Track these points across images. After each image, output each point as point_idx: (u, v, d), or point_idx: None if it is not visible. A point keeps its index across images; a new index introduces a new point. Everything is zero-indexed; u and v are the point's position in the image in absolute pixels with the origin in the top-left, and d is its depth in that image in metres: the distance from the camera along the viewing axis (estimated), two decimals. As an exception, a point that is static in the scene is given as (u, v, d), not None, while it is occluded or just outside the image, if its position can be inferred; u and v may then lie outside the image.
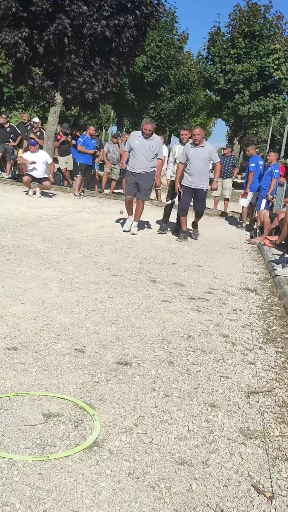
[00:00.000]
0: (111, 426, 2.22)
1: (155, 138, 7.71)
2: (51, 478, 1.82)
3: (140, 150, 7.61)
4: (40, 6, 11.84)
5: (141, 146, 7.60)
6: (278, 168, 10.27)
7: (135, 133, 8.00)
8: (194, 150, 7.76)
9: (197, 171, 7.78)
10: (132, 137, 7.94)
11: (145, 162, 7.62)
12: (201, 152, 7.75)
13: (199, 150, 7.75)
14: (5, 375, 2.55)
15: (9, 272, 4.46)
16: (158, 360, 3.03)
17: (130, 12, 12.84)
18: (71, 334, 3.24)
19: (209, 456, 2.11)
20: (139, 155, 7.63)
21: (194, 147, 7.76)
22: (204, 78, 25.02)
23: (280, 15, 23.80)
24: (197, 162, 7.73)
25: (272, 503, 1.86)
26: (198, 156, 7.74)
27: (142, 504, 1.77)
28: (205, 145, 7.83)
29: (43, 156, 11.38)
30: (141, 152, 7.59)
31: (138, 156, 7.65)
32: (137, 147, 7.62)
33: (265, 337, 3.76)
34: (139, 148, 7.60)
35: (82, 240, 6.47)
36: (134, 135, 7.94)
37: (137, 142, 7.64)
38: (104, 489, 1.81)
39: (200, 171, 7.79)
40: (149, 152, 7.60)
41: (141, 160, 7.61)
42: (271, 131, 38.66)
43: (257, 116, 24.42)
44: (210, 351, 3.30)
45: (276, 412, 2.57)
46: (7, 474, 1.81)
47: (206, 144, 7.88)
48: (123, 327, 3.53)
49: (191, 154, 7.78)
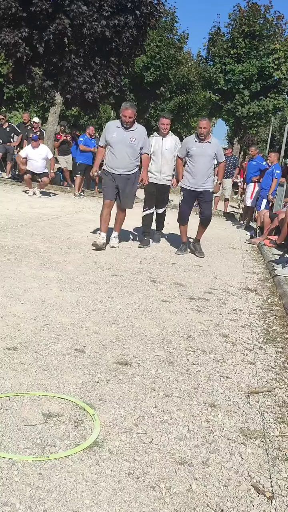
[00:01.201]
0: (111, 426, 2.22)
1: (138, 128, 6.15)
2: (51, 478, 1.82)
3: (119, 145, 6.05)
4: (40, 6, 11.84)
5: (121, 139, 6.04)
6: (279, 168, 10.28)
7: (112, 123, 6.31)
8: (198, 146, 6.47)
9: (202, 171, 6.53)
10: (108, 128, 6.20)
11: (126, 160, 6.09)
12: (207, 149, 6.49)
13: (205, 146, 6.47)
14: (5, 375, 2.55)
15: (9, 272, 4.46)
16: (158, 360, 3.03)
17: (130, 12, 12.84)
18: (71, 334, 3.24)
19: (209, 456, 2.11)
20: (118, 151, 6.07)
21: (199, 142, 6.46)
22: (204, 78, 25.01)
23: (280, 15, 23.78)
24: (202, 161, 6.49)
25: (272, 503, 1.86)
26: (204, 153, 6.48)
27: (142, 504, 1.77)
28: (212, 140, 6.55)
29: (43, 151, 11.24)
30: (121, 148, 6.05)
31: (117, 152, 6.08)
32: (116, 141, 6.06)
33: (265, 337, 3.76)
34: (118, 142, 6.05)
35: (82, 240, 6.47)
36: (110, 125, 6.25)
37: (115, 135, 6.07)
38: (104, 489, 1.81)
39: (205, 171, 6.56)
40: (131, 146, 6.06)
41: (121, 157, 6.07)
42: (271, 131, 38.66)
43: (257, 116, 24.41)
44: (210, 351, 3.30)
45: (276, 412, 2.57)
46: (7, 474, 1.81)
47: (212, 139, 6.57)
48: (123, 327, 3.53)
49: (195, 150, 6.48)
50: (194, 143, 6.53)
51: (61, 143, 13.64)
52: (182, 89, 28.23)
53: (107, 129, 6.23)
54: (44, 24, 12.30)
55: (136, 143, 6.09)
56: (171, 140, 7.07)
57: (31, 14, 12.09)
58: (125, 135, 6.05)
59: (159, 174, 7.03)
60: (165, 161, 6.98)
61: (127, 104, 6.10)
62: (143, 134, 6.23)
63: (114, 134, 6.06)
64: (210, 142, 6.53)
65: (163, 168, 7.01)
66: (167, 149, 6.97)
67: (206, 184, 6.66)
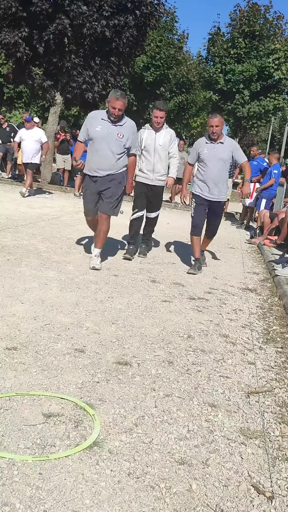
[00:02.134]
0: (111, 426, 2.22)
1: (127, 123, 5.12)
2: (51, 478, 1.82)
3: (104, 142, 4.99)
4: (40, 6, 11.85)
5: (106, 135, 4.99)
6: (279, 168, 10.30)
7: (96, 114, 5.21)
8: (210, 148, 5.59)
9: (215, 177, 5.60)
10: (91, 120, 5.11)
11: (111, 160, 5.03)
12: (220, 150, 5.57)
13: (218, 147, 5.57)
14: (5, 375, 2.55)
15: (9, 272, 4.46)
16: (158, 360, 3.03)
17: (130, 12, 12.85)
18: (71, 334, 3.24)
19: (209, 456, 2.11)
20: (102, 148, 5.01)
21: (210, 142, 5.60)
22: (204, 78, 25.02)
23: (280, 15, 23.80)
24: (215, 164, 5.57)
25: (272, 503, 1.86)
26: (217, 155, 5.57)
27: (142, 504, 1.77)
28: (225, 140, 5.65)
29: (37, 134, 10.67)
30: (105, 145, 5.00)
31: (101, 150, 5.02)
32: (100, 137, 4.99)
33: (265, 337, 3.77)
34: (103, 138, 4.99)
35: (81, 242, 6.47)
36: (95, 117, 5.13)
37: (99, 129, 5.00)
38: (104, 489, 1.81)
39: (218, 177, 5.62)
40: (118, 144, 5.02)
41: (105, 156, 5.01)
42: (271, 131, 38.67)
43: (257, 116, 24.42)
44: (210, 351, 3.30)
45: (276, 412, 2.57)
46: (7, 474, 1.81)
47: (226, 139, 5.69)
48: (123, 327, 3.53)
49: (206, 153, 5.60)
50: (205, 144, 5.64)
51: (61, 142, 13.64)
52: (182, 89, 28.23)
53: (90, 120, 5.11)
54: (44, 24, 12.30)
55: (124, 140, 5.04)
56: (165, 134, 6.00)
57: (31, 14, 12.09)
58: (112, 130, 4.99)
59: (152, 173, 6.02)
60: (158, 159, 5.98)
61: (117, 93, 4.96)
62: (132, 131, 5.19)
63: (98, 128, 4.99)
64: (223, 142, 5.60)
65: (156, 166, 5.99)
66: (161, 144, 5.94)
67: (220, 194, 5.72)
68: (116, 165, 5.09)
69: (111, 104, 4.94)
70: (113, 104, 4.92)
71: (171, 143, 6.06)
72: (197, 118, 35.08)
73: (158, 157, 6.00)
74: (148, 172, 6.04)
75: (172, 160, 6.14)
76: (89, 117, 5.17)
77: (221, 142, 5.61)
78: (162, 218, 9.98)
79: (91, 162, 5.14)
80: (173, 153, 6.09)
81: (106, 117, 5.03)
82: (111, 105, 4.94)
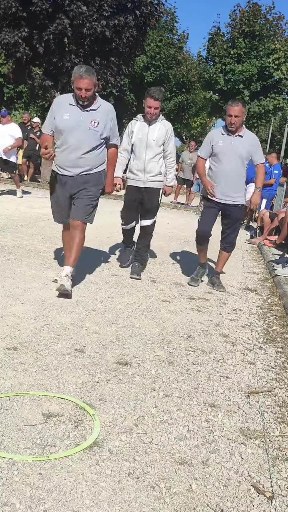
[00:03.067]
0: (111, 426, 2.22)
1: (102, 106, 4.10)
2: (51, 478, 1.82)
3: (74, 132, 4.01)
4: (40, 6, 11.85)
5: (76, 123, 4.00)
6: (279, 169, 10.30)
7: (62, 99, 4.22)
8: (226, 141, 4.71)
9: (230, 175, 4.73)
10: (57, 107, 4.14)
11: (84, 154, 4.06)
12: (238, 145, 4.69)
13: (236, 141, 4.70)
14: (5, 375, 2.55)
15: (9, 272, 4.46)
16: (158, 360, 3.03)
17: (130, 12, 12.85)
18: (71, 334, 3.24)
19: (209, 456, 2.11)
20: (73, 141, 4.03)
21: (227, 134, 4.73)
22: (204, 78, 25.04)
23: (280, 15, 23.82)
24: (231, 160, 4.70)
25: (272, 503, 1.86)
26: (234, 150, 4.69)
27: (142, 504, 1.77)
28: (245, 134, 4.77)
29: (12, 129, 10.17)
30: (76, 135, 4.01)
31: (71, 142, 4.04)
32: (69, 126, 4.02)
33: (265, 337, 3.77)
34: (73, 127, 4.01)
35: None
36: (60, 102, 4.18)
37: (67, 117, 4.02)
38: (104, 489, 1.81)
39: (234, 175, 4.75)
40: (93, 134, 4.04)
41: (77, 150, 4.04)
42: (271, 131, 38.68)
43: (257, 116, 24.44)
44: (210, 351, 3.30)
45: (276, 412, 2.57)
46: (7, 474, 1.81)
47: (246, 132, 4.80)
48: (123, 327, 3.53)
49: (221, 146, 4.72)
50: (221, 136, 4.76)
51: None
52: (182, 89, 28.25)
53: (55, 107, 4.15)
54: (44, 24, 12.31)
55: (100, 128, 4.05)
56: (161, 128, 4.95)
57: (31, 14, 12.09)
58: (83, 117, 4.02)
59: (143, 174, 4.96)
60: (151, 156, 4.93)
61: (81, 69, 3.91)
62: (110, 116, 4.15)
63: (66, 116, 4.02)
64: (242, 136, 4.74)
65: (149, 165, 4.93)
66: (155, 139, 4.90)
67: (236, 195, 4.81)
68: (91, 161, 4.09)
69: (75, 85, 3.92)
70: (78, 84, 3.89)
71: (168, 139, 5.00)
72: (197, 118, 35.11)
73: (151, 154, 4.95)
74: (139, 172, 4.97)
75: (168, 162, 5.10)
76: (55, 103, 4.23)
77: (240, 136, 4.73)
78: (162, 218, 9.99)
79: (59, 158, 4.12)
80: (169, 152, 5.06)
81: (74, 101, 4.05)
82: (75, 85, 3.92)
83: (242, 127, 4.76)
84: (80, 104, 4.02)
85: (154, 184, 5.03)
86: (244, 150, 4.72)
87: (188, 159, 13.56)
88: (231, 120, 4.63)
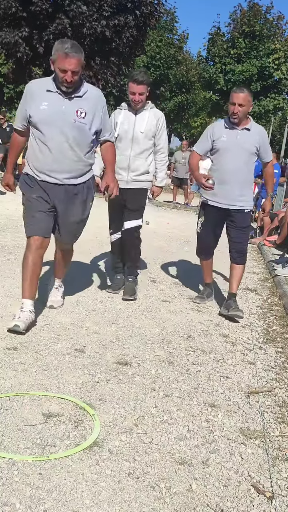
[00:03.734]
0: (111, 426, 2.22)
1: (88, 92, 3.21)
2: (51, 478, 1.82)
3: (55, 126, 3.14)
4: (40, 6, 11.86)
5: (58, 114, 3.12)
6: (279, 168, 10.31)
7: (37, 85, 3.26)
8: (231, 135, 4.03)
9: (235, 176, 4.04)
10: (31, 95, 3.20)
11: (69, 155, 3.19)
12: (244, 139, 4.02)
13: (242, 135, 4.03)
14: (5, 375, 2.55)
15: (9, 272, 4.46)
16: (158, 360, 3.03)
17: (130, 12, 12.87)
18: (71, 334, 3.24)
19: (209, 456, 2.11)
20: (54, 137, 3.15)
21: (232, 128, 4.04)
22: (204, 78, 25.06)
23: (280, 15, 23.86)
24: (236, 158, 4.01)
25: (272, 503, 1.86)
26: (239, 145, 4.01)
27: (142, 504, 1.77)
28: (252, 126, 4.09)
29: None
30: (58, 131, 3.13)
31: (52, 139, 3.16)
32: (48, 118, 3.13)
33: (265, 337, 3.77)
34: (53, 120, 3.13)
35: (81, 239, 6.45)
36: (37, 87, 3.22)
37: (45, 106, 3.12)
38: (104, 489, 1.81)
39: (240, 176, 4.06)
40: (79, 128, 3.17)
41: (59, 150, 3.17)
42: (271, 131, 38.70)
43: (257, 116, 24.45)
44: (210, 351, 3.30)
45: (276, 412, 2.57)
46: (7, 474, 1.81)
47: (253, 125, 4.12)
48: (123, 327, 3.53)
49: (224, 141, 4.04)
50: (224, 130, 4.07)
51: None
52: (182, 89, 28.27)
53: (28, 95, 3.19)
54: (44, 24, 12.33)
55: (88, 120, 3.18)
56: (150, 117, 4.12)
57: (31, 14, 12.12)
58: (66, 106, 3.13)
59: (127, 172, 4.12)
60: (138, 151, 4.12)
61: (66, 44, 2.99)
62: (100, 104, 3.29)
63: (44, 105, 3.11)
64: (249, 129, 4.05)
65: (135, 163, 4.12)
66: (143, 131, 4.08)
67: (241, 198, 4.11)
68: (76, 163, 3.24)
69: (58, 65, 3.01)
70: (62, 64, 2.98)
71: (159, 131, 4.17)
72: (197, 118, 35.13)
73: (138, 149, 4.11)
74: (122, 171, 4.10)
75: (159, 158, 4.28)
76: (28, 90, 3.21)
77: (247, 128, 4.04)
78: (162, 218, 10.00)
79: (36, 160, 3.23)
80: (161, 147, 4.22)
81: (54, 86, 3.13)
82: (58, 66, 3.02)
83: (248, 119, 4.08)
84: (63, 91, 3.10)
85: (138, 184, 4.18)
86: (251, 144, 4.02)
87: (182, 158, 13.56)
88: (234, 109, 3.92)
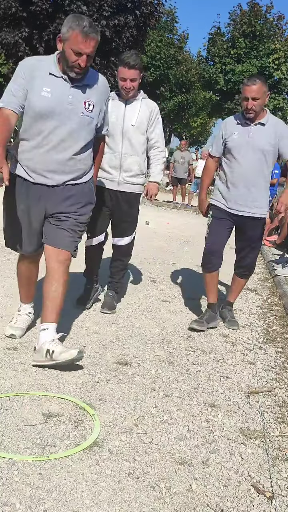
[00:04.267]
0: (111, 426, 2.22)
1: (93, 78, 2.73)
2: (51, 478, 1.82)
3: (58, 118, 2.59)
4: (40, 6, 11.87)
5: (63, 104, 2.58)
6: (279, 168, 10.30)
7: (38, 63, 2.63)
8: (243, 132, 3.54)
9: (248, 178, 3.55)
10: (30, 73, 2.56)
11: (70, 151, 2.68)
12: (259, 136, 3.52)
13: (256, 131, 3.53)
14: (5, 375, 2.55)
15: (9, 272, 4.46)
16: (158, 360, 3.03)
17: (130, 12, 12.88)
18: (71, 334, 3.24)
19: (209, 456, 2.11)
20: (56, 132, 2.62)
21: (245, 123, 3.56)
22: (204, 78, 25.06)
23: (280, 15, 23.86)
24: (249, 157, 3.52)
25: (272, 503, 1.86)
26: (253, 143, 3.51)
27: (142, 504, 1.77)
28: (268, 120, 3.55)
29: None
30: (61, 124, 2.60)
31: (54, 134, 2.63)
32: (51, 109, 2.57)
33: (265, 337, 3.77)
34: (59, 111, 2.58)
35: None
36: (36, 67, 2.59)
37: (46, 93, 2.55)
38: (104, 489, 1.81)
39: (253, 178, 3.56)
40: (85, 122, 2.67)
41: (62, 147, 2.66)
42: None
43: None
44: (210, 351, 3.30)
45: (276, 412, 2.57)
46: (7, 474, 1.81)
47: (270, 118, 3.58)
48: (123, 327, 3.53)
49: (236, 138, 3.55)
50: (236, 126, 3.59)
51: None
52: (182, 89, 28.27)
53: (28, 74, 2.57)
54: (44, 24, 12.33)
55: (95, 114, 2.72)
56: (143, 108, 3.58)
57: (31, 14, 12.12)
58: (74, 95, 2.63)
59: (118, 172, 3.58)
60: (129, 148, 3.56)
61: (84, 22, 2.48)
62: (107, 94, 2.87)
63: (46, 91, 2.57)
64: (264, 124, 3.53)
65: (127, 161, 3.57)
66: (134, 124, 3.53)
67: (255, 203, 3.61)
68: (81, 164, 2.77)
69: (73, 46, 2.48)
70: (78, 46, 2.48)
71: (153, 123, 3.62)
72: (197, 118, 35.11)
73: (129, 145, 3.56)
74: (113, 170, 3.58)
75: (154, 153, 3.68)
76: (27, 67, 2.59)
77: (261, 123, 3.53)
78: (162, 218, 10.00)
79: (31, 158, 2.72)
80: (155, 141, 3.65)
81: (59, 70, 2.60)
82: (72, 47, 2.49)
83: (264, 111, 3.56)
84: (70, 77, 2.58)
85: (132, 187, 3.65)
86: (267, 141, 3.50)
87: (180, 158, 13.54)
88: (248, 105, 3.42)
